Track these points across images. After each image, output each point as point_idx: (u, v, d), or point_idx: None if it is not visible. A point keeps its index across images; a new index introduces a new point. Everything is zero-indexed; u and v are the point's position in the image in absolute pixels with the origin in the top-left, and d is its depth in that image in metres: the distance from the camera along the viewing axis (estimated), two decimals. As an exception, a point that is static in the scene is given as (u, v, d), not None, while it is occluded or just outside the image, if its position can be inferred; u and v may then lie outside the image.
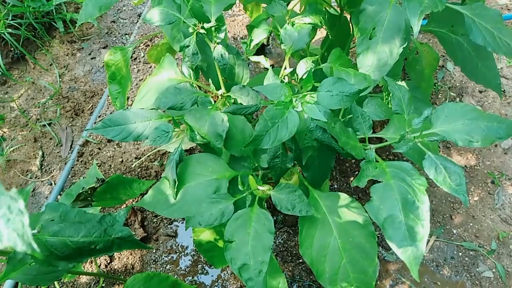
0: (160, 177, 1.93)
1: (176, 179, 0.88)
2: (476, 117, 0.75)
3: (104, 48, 2.35)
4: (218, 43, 0.91)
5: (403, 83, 1.30)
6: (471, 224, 1.84)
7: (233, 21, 2.38)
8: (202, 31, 0.91)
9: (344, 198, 0.90)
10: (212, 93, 0.95)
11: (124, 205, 1.78)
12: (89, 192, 1.01)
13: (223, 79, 0.98)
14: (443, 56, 2.27)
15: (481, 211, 1.88)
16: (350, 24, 1.35)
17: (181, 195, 0.89)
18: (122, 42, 2.36)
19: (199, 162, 0.91)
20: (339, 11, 1.27)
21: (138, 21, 2.43)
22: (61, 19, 2.34)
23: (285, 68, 0.93)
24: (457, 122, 0.75)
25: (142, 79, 2.19)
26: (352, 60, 2.17)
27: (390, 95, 0.78)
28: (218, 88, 0.97)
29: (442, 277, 1.72)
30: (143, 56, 2.26)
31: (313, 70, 0.94)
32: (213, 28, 0.91)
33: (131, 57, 2.26)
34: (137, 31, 2.37)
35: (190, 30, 0.90)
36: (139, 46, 2.31)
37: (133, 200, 1.82)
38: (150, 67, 2.21)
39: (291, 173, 1.01)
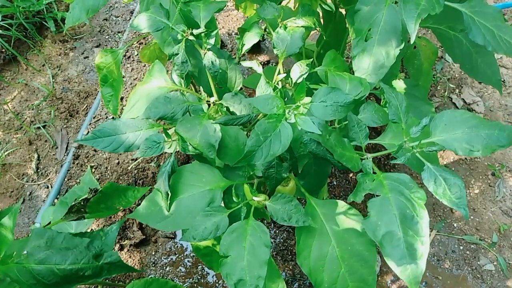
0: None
1: (168, 191, 0.86)
2: (476, 125, 0.72)
3: (97, 47, 2.31)
4: (208, 49, 0.88)
5: (401, 81, 1.27)
6: (471, 217, 1.83)
7: (227, 16, 2.34)
8: (191, 37, 0.88)
9: (342, 205, 0.88)
10: (204, 100, 0.92)
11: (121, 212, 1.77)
12: (82, 203, 0.99)
13: (215, 84, 0.95)
14: (442, 47, 2.23)
15: (481, 204, 1.87)
16: (346, 20, 1.31)
17: (175, 207, 0.87)
18: (115, 40, 2.32)
19: (192, 173, 0.89)
20: (334, 8, 1.24)
21: (130, 18, 2.39)
22: (52, 18, 2.30)
23: (279, 73, 0.90)
24: (456, 131, 0.72)
25: (136, 78, 2.16)
26: (348, 54, 2.13)
27: (387, 102, 0.75)
28: (210, 95, 0.94)
29: (444, 271, 1.71)
30: (137, 55, 2.22)
31: (307, 73, 0.91)
32: (203, 34, 0.88)
33: (125, 56, 2.23)
34: (130, 29, 2.33)
35: (179, 37, 0.87)
36: (133, 44, 2.27)
37: (127, 210, 1.80)
38: (144, 65, 2.17)
39: (288, 179, 0.99)
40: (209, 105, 0.94)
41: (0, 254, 0.76)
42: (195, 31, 0.88)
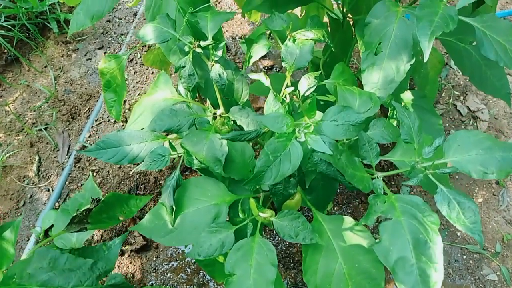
0: (159, 184, 1.90)
1: (173, 206, 0.84)
2: (490, 147, 0.70)
3: (100, 48, 2.29)
4: (216, 61, 0.87)
5: (409, 93, 1.26)
6: (475, 227, 1.82)
7: (231, 20, 2.32)
8: (198, 49, 0.86)
9: (349, 221, 0.87)
10: (211, 112, 0.91)
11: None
12: (84, 213, 0.97)
13: (221, 96, 0.94)
14: (447, 54, 2.21)
15: (485, 213, 1.86)
16: (353, 29, 1.30)
17: (179, 221, 0.85)
18: (118, 43, 2.31)
19: (197, 186, 0.87)
20: (342, 17, 1.22)
21: (134, 20, 2.37)
22: (55, 19, 2.28)
23: (287, 86, 0.89)
24: (470, 152, 0.71)
25: (139, 81, 2.14)
26: (353, 60, 2.12)
27: (399, 121, 0.73)
28: (216, 106, 0.93)
29: (446, 281, 1.70)
30: (140, 57, 2.20)
31: (316, 86, 0.89)
32: (210, 46, 0.86)
33: (128, 58, 2.21)
34: (133, 31, 2.31)
35: (186, 49, 0.85)
36: (136, 45, 2.25)
37: (128, 222, 1.79)
38: (147, 68, 2.16)
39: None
40: (215, 117, 0.92)
41: (1, 268, 0.75)
42: (203, 43, 0.86)
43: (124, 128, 1.71)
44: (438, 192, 0.68)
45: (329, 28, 1.34)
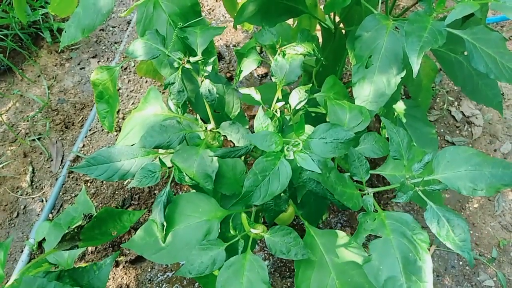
0: (154, 194, 1.89)
1: (164, 222, 0.84)
2: (480, 163, 0.70)
3: (93, 57, 2.29)
4: (205, 77, 0.86)
5: (401, 102, 1.26)
6: (471, 232, 1.81)
7: (225, 27, 2.32)
8: (188, 66, 0.86)
9: (341, 236, 0.86)
10: (202, 128, 0.90)
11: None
12: (75, 230, 0.96)
13: (212, 110, 0.93)
14: (441, 59, 2.22)
15: (481, 218, 1.86)
16: (347, 45, 1.30)
17: (171, 238, 0.84)
18: (111, 51, 2.30)
19: (188, 202, 0.87)
20: (334, 27, 1.22)
21: (127, 28, 2.36)
22: (48, 28, 2.27)
23: (277, 101, 0.88)
24: (460, 168, 0.70)
25: (133, 90, 2.13)
26: (347, 67, 2.12)
27: (389, 138, 0.73)
28: (207, 121, 0.92)
29: (443, 287, 1.69)
30: (134, 66, 2.20)
31: (306, 99, 0.89)
32: (200, 61, 0.86)
33: (121, 67, 2.20)
34: (127, 39, 2.31)
35: (175, 65, 0.85)
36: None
37: (121, 238, 1.78)
38: (141, 77, 2.15)
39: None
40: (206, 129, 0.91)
41: (-10, 289, 0.74)
42: (192, 59, 0.86)
43: (117, 138, 1.70)
44: (427, 209, 0.68)
45: (321, 38, 1.34)
